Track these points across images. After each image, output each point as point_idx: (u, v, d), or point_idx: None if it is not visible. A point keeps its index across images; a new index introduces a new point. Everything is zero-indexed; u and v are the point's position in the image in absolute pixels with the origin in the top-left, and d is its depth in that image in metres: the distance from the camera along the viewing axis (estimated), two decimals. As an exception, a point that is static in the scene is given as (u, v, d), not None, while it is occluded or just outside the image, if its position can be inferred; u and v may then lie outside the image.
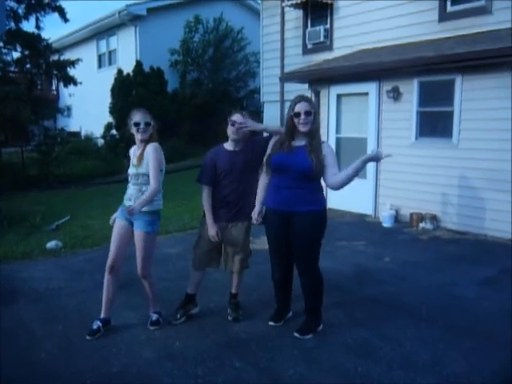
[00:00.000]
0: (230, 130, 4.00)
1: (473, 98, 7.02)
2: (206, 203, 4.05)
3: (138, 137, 3.85)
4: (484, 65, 6.71)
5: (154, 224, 3.90)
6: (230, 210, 4.03)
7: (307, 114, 3.62)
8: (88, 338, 3.82)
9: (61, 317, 4.28)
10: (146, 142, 3.84)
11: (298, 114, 3.63)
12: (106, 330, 3.91)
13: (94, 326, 3.89)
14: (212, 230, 4.00)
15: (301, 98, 3.71)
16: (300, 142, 3.73)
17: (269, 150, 3.86)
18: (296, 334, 3.87)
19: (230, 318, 4.22)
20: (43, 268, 5.75)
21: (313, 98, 9.26)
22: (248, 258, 4.21)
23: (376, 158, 3.74)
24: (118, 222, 3.93)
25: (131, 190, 3.88)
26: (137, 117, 3.83)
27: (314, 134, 3.71)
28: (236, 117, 3.99)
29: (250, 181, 4.03)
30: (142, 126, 3.80)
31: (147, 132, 3.84)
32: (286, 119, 3.80)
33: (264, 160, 3.88)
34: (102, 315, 3.96)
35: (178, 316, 4.15)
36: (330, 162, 3.70)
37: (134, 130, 3.85)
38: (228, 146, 4.08)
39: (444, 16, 8.37)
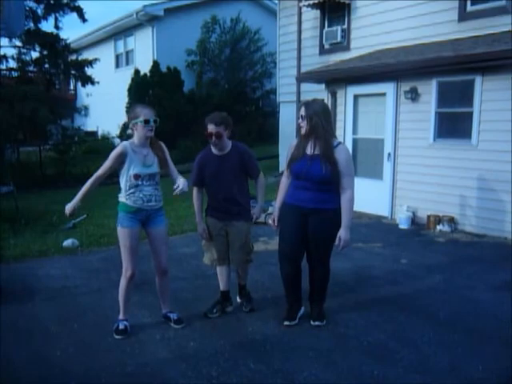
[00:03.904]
0: (209, 139, 4.07)
1: (493, 98, 6.90)
2: (195, 203, 4.27)
3: (146, 134, 3.73)
4: (504, 65, 6.59)
5: None
6: (226, 210, 4.15)
7: (301, 117, 3.86)
8: (117, 337, 3.83)
9: (76, 315, 4.29)
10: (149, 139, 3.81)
11: (298, 118, 3.94)
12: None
13: (121, 326, 3.89)
14: (199, 228, 4.25)
15: (302, 104, 3.96)
16: (316, 149, 3.85)
17: (289, 154, 4.02)
18: (316, 323, 4.03)
19: (245, 309, 4.31)
20: (59, 266, 5.79)
21: (329, 99, 9.22)
22: (250, 253, 4.32)
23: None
24: (131, 230, 3.79)
25: (147, 190, 3.78)
26: (146, 114, 3.72)
27: (317, 137, 3.82)
28: (210, 128, 3.99)
29: (239, 184, 4.17)
30: (151, 123, 3.73)
31: (153, 130, 3.77)
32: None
33: (286, 163, 4.04)
34: (123, 317, 3.96)
35: (215, 311, 4.26)
36: (342, 172, 3.81)
37: (140, 126, 3.71)
38: (214, 150, 4.15)
39: (464, 16, 8.27)
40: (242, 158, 4.13)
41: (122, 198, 3.82)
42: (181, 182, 3.77)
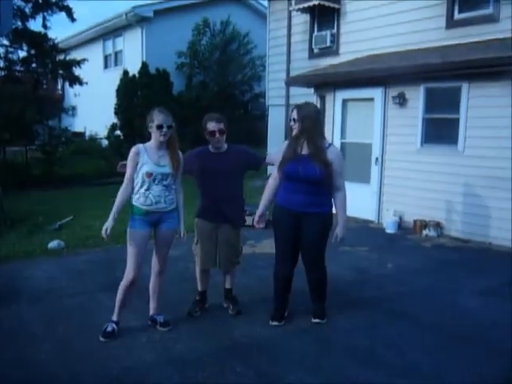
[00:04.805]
0: (210, 140, 4.12)
1: (479, 105, 6.99)
2: None
3: (159, 138, 3.77)
4: (491, 72, 6.68)
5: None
6: (219, 211, 4.14)
7: (294, 120, 3.95)
8: (102, 339, 3.79)
9: (61, 318, 4.25)
10: (164, 143, 3.82)
11: (289, 120, 4.01)
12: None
13: (109, 329, 3.86)
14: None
15: (294, 107, 4.05)
16: (308, 150, 3.91)
17: (281, 155, 4.03)
18: (317, 320, 4.15)
19: (231, 312, 4.31)
20: (45, 268, 5.74)
21: (318, 103, 9.26)
22: (239, 255, 4.35)
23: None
24: (140, 232, 3.80)
25: (157, 190, 3.77)
26: (160, 119, 3.75)
27: (308, 139, 3.90)
28: (212, 125, 4.07)
29: (235, 185, 4.22)
30: (164, 129, 3.75)
31: (168, 135, 3.78)
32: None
33: (277, 164, 4.05)
34: (116, 319, 3.93)
35: (197, 309, 4.32)
36: (336, 171, 3.92)
37: (154, 131, 3.76)
38: (212, 149, 4.21)
39: (451, 23, 8.35)
40: (241, 154, 4.22)
41: (132, 199, 3.82)
42: (182, 231, 3.99)
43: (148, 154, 3.79)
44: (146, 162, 3.76)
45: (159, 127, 3.74)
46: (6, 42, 12.75)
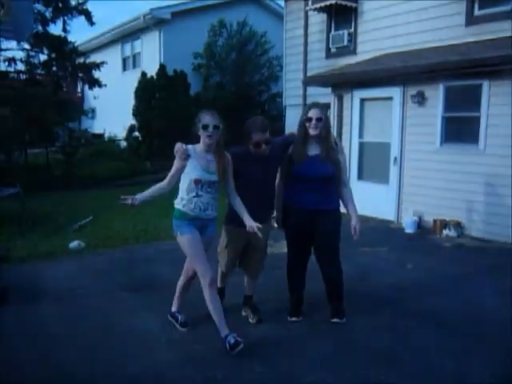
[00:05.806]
0: (255, 150, 3.83)
1: (500, 103, 6.88)
2: None
3: (206, 140, 3.65)
4: (512, 69, 6.58)
5: None
6: (259, 214, 3.84)
7: (318, 119, 3.92)
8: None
9: (82, 317, 4.30)
10: (212, 145, 3.69)
11: (309, 119, 3.94)
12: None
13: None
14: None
15: (314, 105, 4.03)
16: (316, 150, 4.00)
17: (290, 152, 4.06)
18: (336, 320, 4.13)
19: (252, 320, 4.21)
20: (65, 268, 5.81)
21: (335, 103, 9.22)
22: (265, 258, 4.31)
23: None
24: (193, 236, 3.68)
25: (206, 198, 3.69)
26: (206, 119, 3.63)
27: (326, 139, 3.99)
28: (257, 136, 3.77)
29: (273, 184, 4.12)
30: (210, 128, 3.62)
31: (215, 136, 3.65)
32: (299, 124, 4.06)
33: (284, 166, 4.08)
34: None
35: None
36: (342, 168, 4.10)
37: (201, 132, 3.65)
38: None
39: (471, 20, 8.25)
40: (279, 146, 4.01)
41: (178, 204, 3.74)
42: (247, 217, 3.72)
43: (197, 158, 3.68)
44: (195, 167, 3.65)
45: (205, 127, 3.61)
46: (27, 46, 12.95)
